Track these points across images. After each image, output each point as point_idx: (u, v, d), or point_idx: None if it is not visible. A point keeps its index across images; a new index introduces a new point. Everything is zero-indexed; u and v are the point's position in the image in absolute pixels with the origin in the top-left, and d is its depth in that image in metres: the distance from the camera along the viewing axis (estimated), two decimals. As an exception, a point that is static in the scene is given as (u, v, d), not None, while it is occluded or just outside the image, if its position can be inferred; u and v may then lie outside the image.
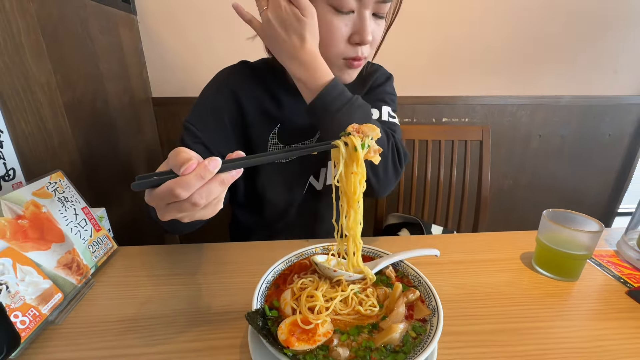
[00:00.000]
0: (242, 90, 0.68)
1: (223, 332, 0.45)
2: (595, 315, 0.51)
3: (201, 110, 0.68)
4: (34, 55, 0.71)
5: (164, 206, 0.35)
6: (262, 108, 0.70)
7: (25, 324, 0.43)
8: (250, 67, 0.72)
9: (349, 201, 0.42)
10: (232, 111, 0.68)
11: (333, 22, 0.57)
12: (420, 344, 0.35)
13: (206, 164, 0.33)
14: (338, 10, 0.56)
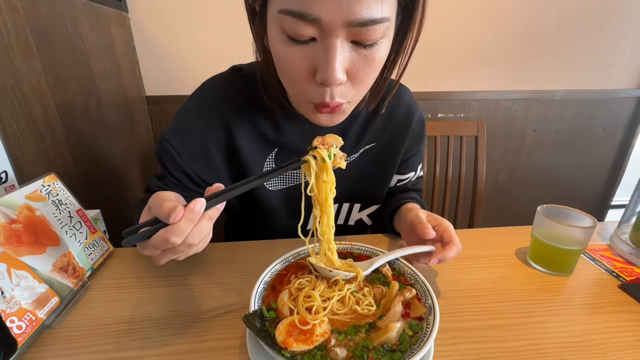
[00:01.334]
0: (232, 114, 0.61)
1: (221, 333, 0.46)
2: (588, 309, 0.52)
3: (184, 133, 0.61)
4: (23, 55, 0.70)
5: (159, 253, 0.36)
6: (258, 131, 0.62)
7: (22, 329, 0.43)
8: (243, 80, 0.62)
9: (322, 207, 0.45)
10: (221, 139, 0.62)
11: (287, 55, 0.43)
12: (417, 342, 0.36)
13: (192, 207, 0.34)
14: (292, 39, 0.42)
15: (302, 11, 0.38)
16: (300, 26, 0.39)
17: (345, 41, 0.41)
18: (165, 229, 0.34)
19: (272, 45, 0.46)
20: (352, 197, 0.74)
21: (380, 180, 0.74)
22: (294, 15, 0.39)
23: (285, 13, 0.39)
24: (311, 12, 0.38)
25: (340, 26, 0.39)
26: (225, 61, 0.71)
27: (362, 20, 0.38)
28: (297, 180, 0.69)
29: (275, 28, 0.43)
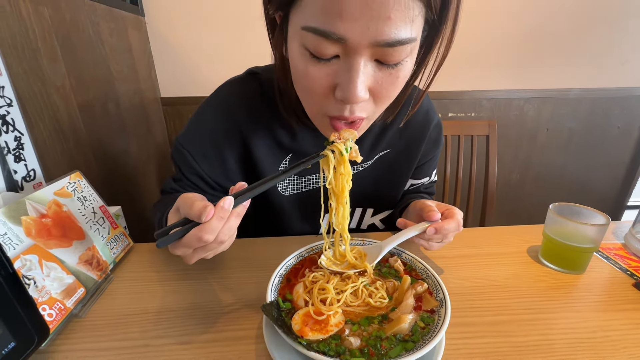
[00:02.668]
0: (247, 119, 0.61)
1: (238, 324, 0.47)
2: (601, 306, 0.52)
3: (199, 138, 0.62)
4: (49, 59, 0.73)
5: (191, 252, 0.38)
6: (272, 136, 0.63)
7: (52, 317, 0.46)
8: (259, 85, 0.62)
9: (338, 199, 0.47)
10: (236, 144, 0.62)
11: (308, 71, 0.42)
12: (429, 334, 0.37)
13: (222, 205, 0.36)
14: (314, 56, 0.40)
15: (327, 30, 0.37)
16: (323, 44, 0.38)
17: (369, 60, 0.40)
18: (197, 228, 0.35)
19: (292, 59, 0.45)
20: (365, 202, 0.74)
21: (394, 186, 0.74)
22: (318, 34, 0.38)
23: (309, 30, 0.38)
24: (337, 31, 0.36)
25: (365, 46, 0.38)
26: (239, 63, 0.73)
27: (390, 41, 0.37)
28: (309, 185, 0.70)
29: (296, 43, 0.42)
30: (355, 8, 0.35)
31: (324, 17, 0.36)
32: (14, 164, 0.59)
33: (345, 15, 0.35)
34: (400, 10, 0.35)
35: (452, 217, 0.53)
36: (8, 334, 0.36)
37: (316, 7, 0.37)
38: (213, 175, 0.64)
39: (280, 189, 0.69)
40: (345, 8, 0.35)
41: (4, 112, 0.57)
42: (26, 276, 0.45)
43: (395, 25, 0.36)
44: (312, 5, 0.37)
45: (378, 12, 0.35)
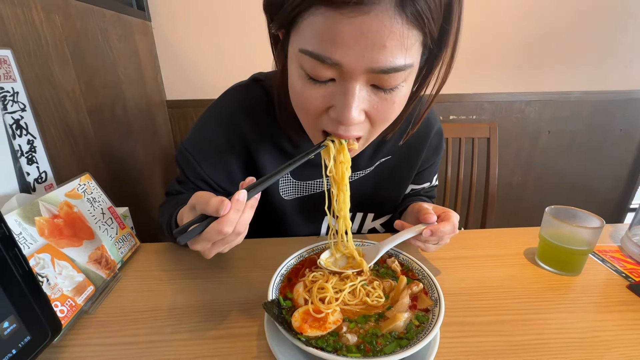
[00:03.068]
0: (251, 126, 0.62)
1: (241, 322, 0.49)
2: (594, 307, 0.53)
3: (203, 143, 0.64)
4: (60, 65, 0.76)
5: (210, 246, 0.40)
6: (275, 144, 0.64)
7: (64, 313, 0.48)
8: (263, 91, 0.63)
9: (338, 186, 0.49)
10: (239, 150, 0.64)
11: (305, 91, 0.43)
12: (423, 331, 0.38)
13: (237, 198, 0.38)
14: (311, 78, 0.41)
15: (322, 55, 0.37)
16: (319, 68, 0.39)
17: (364, 84, 0.40)
18: (217, 222, 0.37)
19: (290, 78, 0.46)
20: (366, 207, 0.76)
21: (395, 191, 0.76)
22: (314, 57, 0.38)
23: (306, 53, 0.39)
24: (332, 57, 0.37)
25: (361, 72, 0.38)
26: (244, 66, 0.75)
27: (385, 68, 0.37)
28: (311, 190, 0.71)
29: (294, 63, 0.43)
30: (350, 36, 0.35)
31: (321, 43, 0.37)
32: (27, 166, 0.61)
33: (341, 42, 0.36)
34: (395, 39, 0.36)
35: (447, 220, 0.54)
36: (24, 328, 0.38)
37: (313, 32, 0.37)
38: (216, 179, 0.66)
39: (282, 194, 0.70)
40: (341, 35, 0.35)
41: (18, 117, 0.59)
42: (39, 274, 0.47)
43: (391, 54, 0.37)
44: (310, 29, 0.38)
45: (373, 41, 0.35)
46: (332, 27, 0.35)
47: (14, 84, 0.59)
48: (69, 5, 0.79)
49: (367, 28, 0.35)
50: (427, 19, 0.36)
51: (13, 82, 0.59)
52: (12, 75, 0.59)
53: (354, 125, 0.44)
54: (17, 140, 0.59)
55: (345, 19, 0.34)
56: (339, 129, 0.44)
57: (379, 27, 0.35)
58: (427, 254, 0.66)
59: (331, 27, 0.36)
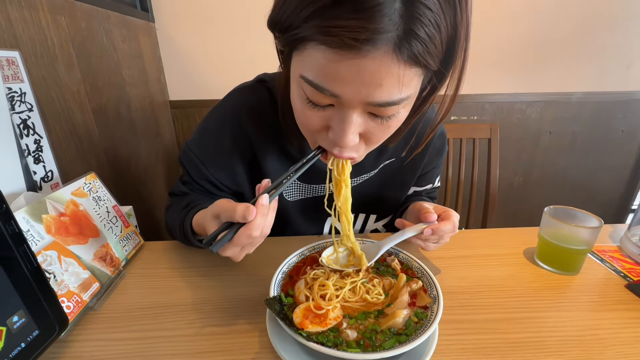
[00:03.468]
0: (256, 128, 0.63)
1: (243, 318, 0.50)
2: (592, 306, 0.53)
3: (207, 144, 0.65)
4: (66, 65, 0.77)
5: (239, 250, 0.42)
6: (280, 147, 0.64)
7: (70, 309, 0.49)
8: (268, 93, 0.63)
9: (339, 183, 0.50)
10: (244, 152, 0.65)
11: (304, 112, 0.44)
12: (422, 328, 0.39)
13: (262, 202, 0.40)
14: (311, 102, 0.42)
15: (321, 86, 0.39)
16: (318, 95, 0.40)
17: (361, 112, 0.42)
18: (246, 227, 0.39)
19: (291, 94, 0.47)
20: (368, 209, 0.76)
21: (397, 193, 0.76)
22: (313, 86, 0.40)
23: (305, 81, 0.40)
24: (330, 89, 0.38)
25: (357, 103, 0.39)
26: (247, 67, 0.76)
27: (381, 102, 0.39)
28: (314, 192, 0.72)
29: (295, 85, 0.44)
30: (348, 74, 0.36)
31: (320, 75, 0.38)
32: (34, 165, 0.63)
33: (339, 78, 0.37)
34: (392, 78, 0.37)
35: (448, 219, 0.55)
36: (33, 323, 0.39)
37: (313, 64, 0.38)
38: (221, 179, 0.67)
39: (285, 195, 0.70)
40: (338, 71, 0.37)
41: (25, 117, 0.61)
42: (46, 270, 0.48)
43: (387, 91, 0.38)
44: (310, 60, 0.38)
45: (369, 80, 0.37)
46: (331, 64, 0.36)
47: (21, 85, 0.60)
48: (74, 7, 0.80)
49: (363, 69, 0.36)
50: (425, 58, 0.36)
51: (21, 83, 0.60)
52: (20, 76, 0.60)
53: (348, 148, 0.45)
54: (24, 140, 0.61)
55: (343, 59, 0.35)
56: (335, 149, 0.46)
57: (376, 69, 0.36)
58: (427, 253, 0.66)
59: (330, 64, 0.37)
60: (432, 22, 0.35)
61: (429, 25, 0.35)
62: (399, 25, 0.34)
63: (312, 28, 0.36)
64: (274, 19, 0.41)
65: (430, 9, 0.34)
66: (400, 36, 0.34)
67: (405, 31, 0.34)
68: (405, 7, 0.33)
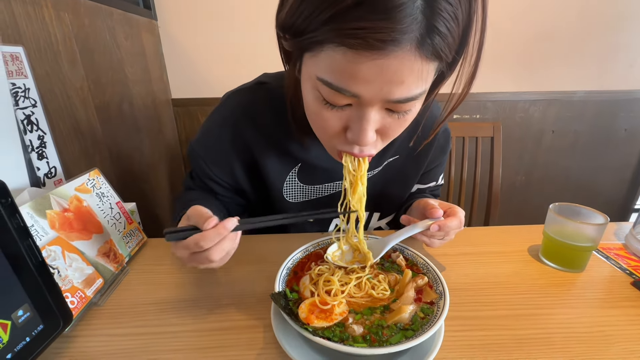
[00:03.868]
0: (254, 131, 0.63)
1: (247, 314, 0.50)
2: (598, 303, 0.53)
3: (209, 147, 0.66)
4: (69, 62, 0.77)
5: (188, 255, 0.43)
6: (281, 148, 0.64)
7: (74, 304, 0.49)
8: (268, 95, 0.63)
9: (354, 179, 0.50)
10: (243, 155, 0.65)
11: (321, 114, 0.44)
12: (428, 323, 0.39)
13: (224, 224, 0.41)
14: (327, 102, 0.42)
15: (341, 87, 0.38)
16: (337, 96, 0.40)
17: (379, 109, 0.42)
18: (199, 234, 0.41)
19: (305, 98, 0.46)
20: (372, 207, 0.76)
21: (401, 191, 0.76)
22: (332, 88, 0.39)
23: (323, 83, 0.39)
24: (350, 90, 0.38)
25: (377, 101, 0.40)
26: (249, 65, 0.76)
27: (401, 99, 0.39)
28: (317, 194, 0.71)
29: (310, 85, 0.43)
30: (370, 73, 0.36)
31: (340, 77, 0.38)
32: (37, 161, 0.62)
33: (360, 78, 0.37)
34: (414, 74, 0.37)
35: (454, 215, 0.55)
36: (38, 317, 0.39)
37: (332, 66, 0.38)
38: (223, 178, 0.68)
39: (286, 197, 0.70)
40: (360, 71, 0.36)
41: (29, 113, 0.60)
42: (51, 265, 0.48)
43: (408, 87, 0.38)
44: (329, 60, 0.38)
45: (391, 78, 0.36)
46: (351, 65, 0.36)
47: (25, 80, 0.60)
48: (78, 4, 0.80)
49: (386, 68, 0.36)
50: (445, 52, 0.37)
51: (25, 79, 0.60)
52: (24, 71, 0.60)
53: (368, 146, 0.45)
54: (28, 136, 0.60)
55: (366, 60, 0.35)
56: (354, 149, 0.46)
57: (399, 67, 0.36)
58: (432, 250, 0.66)
59: (351, 65, 0.36)
60: (452, 15, 0.35)
61: (449, 20, 0.35)
62: (422, 22, 0.34)
63: (333, 31, 0.35)
64: (287, 23, 0.39)
65: (450, 3, 0.34)
66: (423, 33, 0.34)
67: (427, 27, 0.34)
68: (427, 4, 0.33)
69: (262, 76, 0.66)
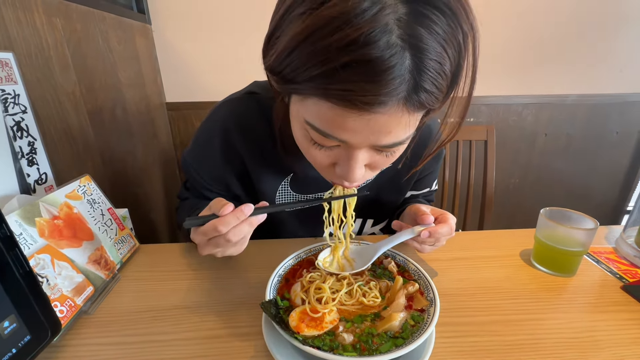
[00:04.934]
0: (245, 143, 0.63)
1: (239, 322, 0.50)
2: (588, 308, 0.54)
3: (200, 158, 0.66)
4: (61, 67, 0.76)
5: (205, 241, 0.44)
6: (272, 158, 0.63)
7: (64, 313, 0.48)
8: (258, 106, 0.62)
9: None
10: (234, 166, 0.65)
11: (310, 151, 0.45)
12: (418, 331, 0.39)
13: (242, 208, 0.42)
14: (317, 143, 0.43)
15: (329, 133, 0.39)
16: (325, 140, 0.40)
17: (368, 149, 0.42)
18: (217, 219, 0.41)
19: (294, 132, 0.47)
20: (365, 214, 0.76)
21: (394, 198, 0.76)
22: (320, 133, 0.39)
23: (311, 127, 0.40)
24: (338, 137, 0.39)
25: (365, 146, 0.40)
26: (242, 69, 0.76)
27: (388, 144, 0.40)
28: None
29: (298, 124, 0.43)
30: (357, 125, 0.37)
31: (326, 124, 0.38)
32: (27, 167, 0.62)
33: (347, 128, 0.37)
34: (401, 125, 0.38)
35: (445, 222, 0.55)
36: (25, 328, 0.39)
37: (319, 113, 0.38)
38: (218, 187, 0.69)
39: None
40: (347, 123, 0.37)
41: (19, 119, 0.60)
42: (39, 274, 0.48)
43: (396, 135, 0.39)
44: (316, 108, 0.38)
45: (379, 129, 0.37)
46: (338, 117, 0.36)
47: (15, 86, 0.59)
48: (69, 9, 0.80)
49: (374, 121, 0.36)
50: (432, 103, 0.37)
51: (14, 85, 0.59)
52: (13, 77, 0.59)
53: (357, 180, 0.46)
54: (18, 142, 0.60)
55: (353, 114, 0.35)
56: (343, 182, 0.48)
57: (386, 121, 0.36)
58: (424, 255, 0.66)
59: (337, 117, 0.37)
60: (440, 72, 0.35)
61: (436, 77, 0.35)
62: (409, 81, 0.34)
63: (319, 88, 0.35)
64: (274, 69, 0.39)
65: (438, 62, 0.34)
66: (410, 91, 0.34)
67: (414, 86, 0.34)
68: (414, 63, 0.33)
69: (253, 85, 0.66)
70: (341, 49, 0.31)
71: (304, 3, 0.34)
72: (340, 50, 0.32)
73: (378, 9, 0.31)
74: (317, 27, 0.32)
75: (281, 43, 0.37)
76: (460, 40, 0.35)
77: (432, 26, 0.33)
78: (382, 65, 0.32)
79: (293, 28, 0.35)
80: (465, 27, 0.35)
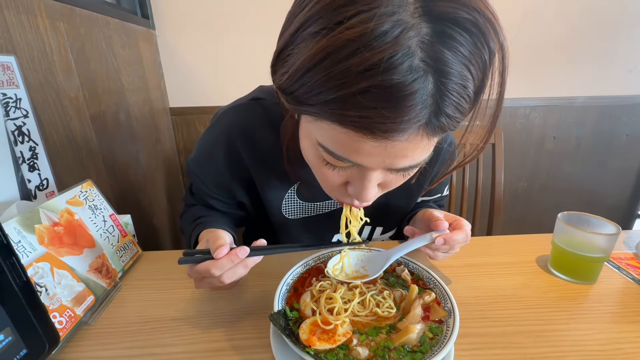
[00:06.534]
0: (250, 151, 0.61)
1: (245, 333, 0.47)
2: (613, 317, 0.51)
3: (204, 166, 0.64)
4: (64, 71, 0.75)
5: (200, 279, 0.44)
6: (278, 167, 0.60)
7: (63, 324, 0.46)
8: (263, 112, 0.60)
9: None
10: (240, 174, 0.64)
11: (322, 171, 0.43)
12: (438, 344, 0.37)
13: (236, 252, 0.42)
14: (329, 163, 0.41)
15: (343, 157, 0.37)
16: (338, 162, 0.39)
17: (382, 170, 0.40)
18: (210, 261, 0.42)
19: (305, 151, 0.45)
20: (374, 221, 0.74)
21: (405, 205, 0.74)
22: (334, 156, 0.38)
23: (325, 150, 0.38)
24: (353, 161, 0.37)
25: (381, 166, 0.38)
26: (247, 74, 0.74)
27: (405, 167, 0.38)
28: (317, 210, 0.70)
29: (309, 143, 0.42)
30: (373, 151, 0.35)
31: (341, 147, 0.36)
32: (28, 173, 0.60)
33: (363, 152, 0.35)
34: (419, 149, 0.36)
35: (460, 229, 0.52)
36: (20, 341, 0.37)
37: (334, 136, 0.36)
38: (223, 195, 0.67)
39: (285, 214, 0.68)
40: (363, 148, 0.35)
41: (20, 123, 0.59)
42: (38, 283, 0.46)
43: (413, 159, 0.37)
44: (330, 131, 0.36)
45: (395, 153, 0.35)
46: (355, 143, 0.34)
47: (17, 90, 0.58)
48: (73, 13, 0.79)
49: (391, 147, 0.34)
50: (452, 127, 0.35)
51: (16, 89, 0.58)
52: (15, 81, 0.58)
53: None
54: (19, 147, 0.58)
55: (369, 140, 0.33)
56: (355, 202, 0.46)
57: (404, 146, 0.35)
58: (436, 262, 0.64)
59: (354, 143, 0.35)
60: (464, 95, 0.32)
61: (460, 100, 0.32)
62: (431, 106, 0.31)
63: (335, 114, 0.33)
64: (286, 89, 0.36)
65: (462, 85, 0.32)
66: (431, 116, 0.32)
67: (436, 111, 0.32)
68: (437, 88, 0.31)
69: (258, 91, 0.64)
70: (360, 74, 0.29)
71: (319, 21, 0.31)
72: (359, 75, 0.29)
73: (400, 30, 0.29)
74: (333, 49, 0.30)
75: (293, 63, 0.34)
76: (486, 58, 0.33)
77: (458, 47, 0.31)
78: (403, 90, 0.29)
79: (307, 48, 0.32)
80: (492, 45, 0.33)
